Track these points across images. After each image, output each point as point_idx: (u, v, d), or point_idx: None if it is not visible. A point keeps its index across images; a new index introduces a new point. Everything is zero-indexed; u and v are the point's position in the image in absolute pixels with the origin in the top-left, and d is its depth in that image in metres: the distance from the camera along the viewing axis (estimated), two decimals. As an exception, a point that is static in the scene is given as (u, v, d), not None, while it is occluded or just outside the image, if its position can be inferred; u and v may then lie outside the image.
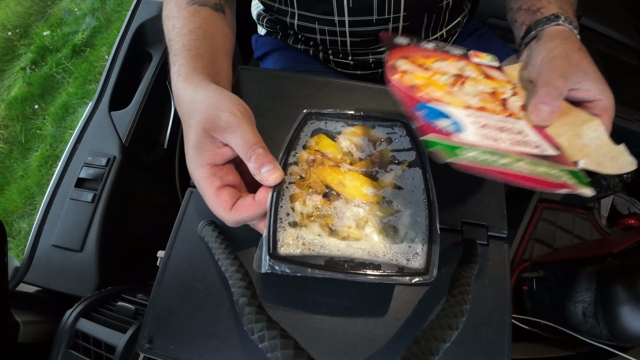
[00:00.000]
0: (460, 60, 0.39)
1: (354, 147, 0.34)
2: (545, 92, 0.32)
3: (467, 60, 0.39)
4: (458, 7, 0.58)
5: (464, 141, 0.28)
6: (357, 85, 0.43)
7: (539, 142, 0.31)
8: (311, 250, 0.28)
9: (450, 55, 0.39)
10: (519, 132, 0.32)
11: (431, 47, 0.40)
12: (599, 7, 0.75)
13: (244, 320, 0.25)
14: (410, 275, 0.27)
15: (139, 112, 0.60)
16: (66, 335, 0.40)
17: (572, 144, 0.32)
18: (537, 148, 0.31)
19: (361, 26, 0.52)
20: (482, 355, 0.30)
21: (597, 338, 0.43)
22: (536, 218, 0.63)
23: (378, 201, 0.31)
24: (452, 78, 0.36)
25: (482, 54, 0.41)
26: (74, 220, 0.52)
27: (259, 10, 0.63)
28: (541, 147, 0.31)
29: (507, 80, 0.38)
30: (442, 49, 0.40)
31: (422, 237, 0.29)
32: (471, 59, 0.40)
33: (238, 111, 0.30)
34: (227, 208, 0.28)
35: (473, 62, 0.39)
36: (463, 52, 0.40)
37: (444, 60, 0.38)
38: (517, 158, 0.28)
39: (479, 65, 0.39)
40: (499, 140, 0.30)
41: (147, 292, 0.50)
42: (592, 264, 0.45)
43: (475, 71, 0.38)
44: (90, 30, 1.71)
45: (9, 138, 1.50)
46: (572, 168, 0.30)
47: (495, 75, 0.38)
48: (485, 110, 0.33)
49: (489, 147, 0.29)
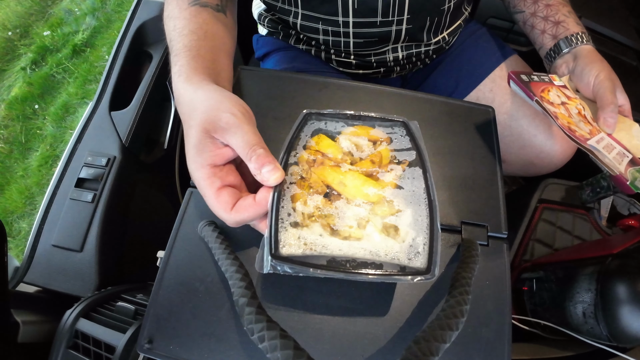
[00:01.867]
0: (552, 87, 0.47)
1: (354, 147, 0.34)
2: (611, 109, 0.44)
3: (553, 85, 0.47)
4: (458, 11, 0.59)
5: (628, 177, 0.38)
6: (357, 86, 0.43)
7: (623, 151, 0.42)
8: (313, 251, 0.28)
9: (546, 84, 0.47)
10: (612, 147, 0.42)
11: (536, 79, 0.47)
12: (599, 7, 0.75)
13: (244, 320, 0.25)
14: (412, 275, 0.27)
15: (139, 112, 0.60)
16: (66, 335, 0.40)
17: (631, 145, 0.43)
18: (625, 156, 0.41)
19: (365, 27, 0.52)
20: (482, 356, 0.30)
21: (597, 339, 0.43)
22: (536, 218, 0.63)
23: (379, 201, 0.31)
24: (564, 108, 0.44)
25: (554, 75, 0.49)
26: (74, 220, 0.52)
27: (260, 10, 0.63)
28: (625, 154, 0.41)
29: (573, 95, 0.48)
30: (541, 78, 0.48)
31: (423, 236, 0.29)
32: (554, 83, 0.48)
33: (239, 112, 0.30)
34: (227, 208, 0.28)
35: (556, 85, 0.48)
36: (547, 78, 0.49)
37: (549, 90, 0.46)
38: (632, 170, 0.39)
39: (559, 88, 0.48)
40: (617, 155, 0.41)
41: (147, 292, 0.50)
42: (592, 265, 0.45)
43: (562, 95, 0.47)
44: (91, 30, 1.71)
45: (9, 138, 1.50)
46: None
47: (568, 94, 0.47)
48: (592, 133, 0.42)
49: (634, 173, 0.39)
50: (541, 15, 0.53)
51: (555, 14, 0.52)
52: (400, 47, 0.58)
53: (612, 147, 0.42)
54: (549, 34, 0.52)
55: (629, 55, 0.73)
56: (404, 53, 0.59)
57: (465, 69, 0.63)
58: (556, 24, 0.51)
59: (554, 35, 0.52)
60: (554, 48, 0.52)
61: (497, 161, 0.39)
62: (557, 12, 0.52)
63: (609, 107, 0.44)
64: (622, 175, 0.38)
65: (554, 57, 0.52)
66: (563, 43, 0.51)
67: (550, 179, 0.67)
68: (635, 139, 0.44)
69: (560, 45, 0.51)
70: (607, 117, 0.44)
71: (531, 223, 0.63)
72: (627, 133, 0.45)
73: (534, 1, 0.54)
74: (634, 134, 0.45)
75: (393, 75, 0.65)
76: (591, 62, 0.48)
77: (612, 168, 0.38)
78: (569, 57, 0.50)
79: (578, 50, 0.50)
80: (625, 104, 0.47)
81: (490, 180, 0.38)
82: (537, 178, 0.68)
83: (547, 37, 0.52)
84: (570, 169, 0.63)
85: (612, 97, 0.45)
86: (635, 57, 0.74)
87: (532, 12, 0.54)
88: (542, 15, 0.53)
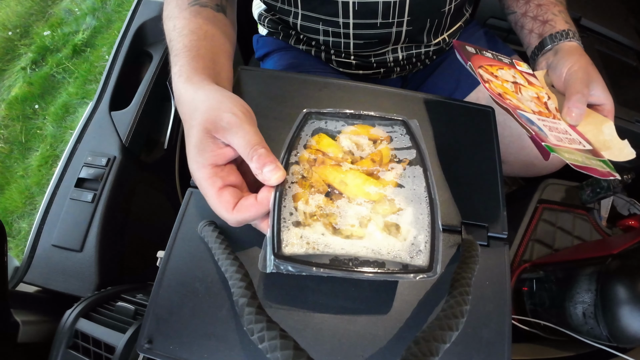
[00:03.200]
0: (510, 68, 0.46)
1: (355, 146, 0.34)
2: (576, 98, 0.41)
3: (514, 68, 0.46)
4: (459, 13, 0.59)
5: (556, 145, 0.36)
6: (357, 86, 0.43)
7: (580, 140, 0.39)
8: (315, 250, 0.28)
9: (504, 64, 0.46)
10: (565, 132, 0.40)
11: (490, 56, 0.46)
12: (599, 8, 0.76)
13: (244, 320, 0.25)
14: (414, 272, 0.27)
15: (139, 112, 0.60)
16: (66, 335, 0.40)
17: (596, 140, 0.41)
18: (580, 144, 0.39)
19: (365, 29, 0.52)
20: (482, 356, 0.30)
21: (597, 339, 0.43)
22: (536, 219, 0.64)
23: (380, 199, 0.31)
24: (513, 85, 0.43)
25: (521, 62, 0.48)
26: (74, 220, 0.52)
27: (260, 10, 0.63)
28: (582, 143, 0.39)
29: (541, 85, 0.46)
30: (496, 57, 0.47)
31: (425, 234, 0.29)
32: (517, 67, 0.46)
33: (240, 111, 0.30)
34: (229, 208, 0.28)
35: (518, 70, 0.46)
36: (509, 60, 0.47)
37: (501, 69, 0.45)
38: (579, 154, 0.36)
39: (522, 73, 0.46)
40: (562, 140, 0.38)
41: (147, 292, 0.50)
42: (592, 265, 0.45)
43: (521, 78, 0.45)
44: (91, 30, 1.71)
45: (9, 138, 1.50)
46: (604, 158, 0.38)
47: (533, 81, 0.46)
48: (542, 115, 0.40)
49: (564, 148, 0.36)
50: (531, 15, 0.51)
51: (544, 14, 0.50)
52: (401, 48, 0.58)
53: (566, 132, 0.39)
54: (535, 32, 0.50)
55: (629, 56, 0.73)
56: (404, 54, 0.59)
57: (465, 70, 0.63)
58: (544, 22, 0.50)
59: (540, 34, 0.50)
60: (538, 46, 0.50)
61: (497, 161, 0.39)
62: (546, 11, 0.50)
63: (575, 96, 0.41)
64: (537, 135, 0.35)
65: (537, 55, 0.50)
66: (547, 40, 0.49)
67: (550, 179, 0.67)
68: (603, 135, 0.42)
69: (543, 43, 0.49)
70: (571, 106, 0.41)
71: (531, 223, 0.63)
72: (596, 127, 0.42)
73: (526, 1, 0.53)
74: (604, 130, 0.42)
75: (393, 75, 0.65)
76: (568, 55, 0.45)
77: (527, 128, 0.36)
78: (550, 54, 0.48)
79: (560, 46, 0.47)
80: (607, 104, 0.43)
81: (491, 181, 0.38)
82: (537, 178, 0.68)
83: (534, 36, 0.51)
84: (570, 169, 0.63)
85: (580, 87, 0.42)
86: (636, 58, 0.74)
87: (523, 12, 0.53)
88: (532, 15, 0.51)
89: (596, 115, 0.43)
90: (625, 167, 0.74)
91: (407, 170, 0.33)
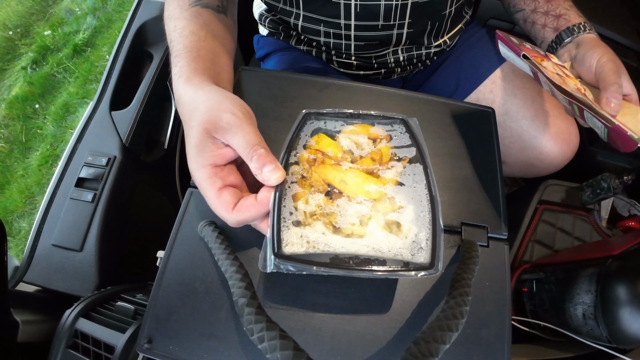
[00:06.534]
0: (548, 60, 0.46)
1: (354, 145, 0.34)
2: (614, 89, 0.42)
3: (549, 59, 0.47)
4: (460, 15, 0.59)
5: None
6: (358, 86, 0.43)
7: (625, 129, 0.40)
8: (316, 249, 0.28)
9: (542, 55, 0.46)
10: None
11: (530, 47, 0.46)
12: (599, 9, 0.75)
13: (244, 320, 0.25)
14: (416, 270, 0.27)
15: (139, 112, 0.60)
16: (65, 335, 0.40)
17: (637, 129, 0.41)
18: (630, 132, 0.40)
19: (366, 31, 0.52)
20: (482, 357, 0.30)
21: (597, 340, 0.43)
22: (536, 220, 0.64)
23: (380, 198, 0.31)
24: (559, 77, 0.43)
25: (552, 54, 0.49)
26: (74, 220, 0.52)
27: (261, 10, 0.63)
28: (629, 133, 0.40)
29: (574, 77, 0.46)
30: (534, 49, 0.47)
31: (426, 231, 0.29)
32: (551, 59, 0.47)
33: (239, 112, 0.30)
34: (229, 208, 0.28)
35: (553, 62, 0.47)
36: (543, 52, 0.48)
37: (544, 60, 0.45)
38: None
39: (556, 65, 0.47)
40: None
41: (147, 292, 0.50)
42: (592, 266, 0.45)
43: (559, 70, 0.46)
44: (91, 30, 1.71)
45: (9, 137, 1.50)
46: None
47: (567, 73, 0.46)
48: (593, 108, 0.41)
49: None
50: (542, 10, 0.52)
51: (556, 8, 0.51)
52: (401, 50, 0.58)
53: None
54: (550, 27, 0.51)
55: (629, 57, 0.73)
56: (405, 55, 0.59)
57: (465, 70, 0.63)
58: (557, 17, 0.51)
59: (556, 27, 0.51)
60: (556, 39, 0.50)
61: (497, 162, 0.39)
62: (557, 6, 0.51)
63: (612, 86, 0.42)
64: (620, 125, 0.36)
65: (556, 48, 0.51)
66: (565, 33, 0.49)
67: (550, 180, 0.67)
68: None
69: (562, 36, 0.50)
70: (610, 97, 0.42)
71: (531, 224, 0.63)
72: (633, 117, 0.43)
73: None
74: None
75: (394, 76, 0.65)
76: (594, 47, 0.46)
77: (609, 119, 0.36)
78: (571, 46, 0.49)
79: (580, 39, 0.48)
80: (633, 94, 0.44)
81: (491, 181, 0.38)
82: (537, 179, 0.68)
83: (549, 30, 0.52)
84: (571, 170, 0.63)
85: (615, 78, 0.43)
86: (636, 59, 0.74)
87: (532, 9, 0.54)
88: (543, 10, 0.52)
89: (629, 105, 0.44)
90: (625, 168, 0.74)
91: (407, 168, 0.33)
